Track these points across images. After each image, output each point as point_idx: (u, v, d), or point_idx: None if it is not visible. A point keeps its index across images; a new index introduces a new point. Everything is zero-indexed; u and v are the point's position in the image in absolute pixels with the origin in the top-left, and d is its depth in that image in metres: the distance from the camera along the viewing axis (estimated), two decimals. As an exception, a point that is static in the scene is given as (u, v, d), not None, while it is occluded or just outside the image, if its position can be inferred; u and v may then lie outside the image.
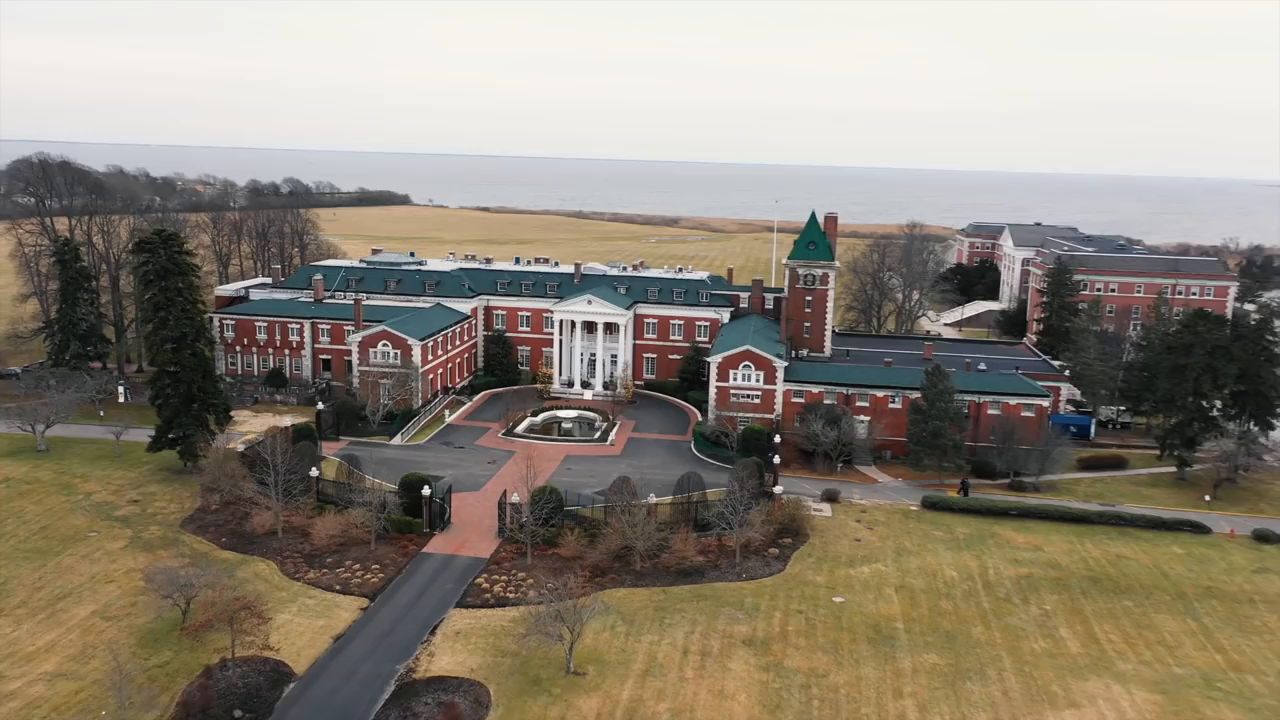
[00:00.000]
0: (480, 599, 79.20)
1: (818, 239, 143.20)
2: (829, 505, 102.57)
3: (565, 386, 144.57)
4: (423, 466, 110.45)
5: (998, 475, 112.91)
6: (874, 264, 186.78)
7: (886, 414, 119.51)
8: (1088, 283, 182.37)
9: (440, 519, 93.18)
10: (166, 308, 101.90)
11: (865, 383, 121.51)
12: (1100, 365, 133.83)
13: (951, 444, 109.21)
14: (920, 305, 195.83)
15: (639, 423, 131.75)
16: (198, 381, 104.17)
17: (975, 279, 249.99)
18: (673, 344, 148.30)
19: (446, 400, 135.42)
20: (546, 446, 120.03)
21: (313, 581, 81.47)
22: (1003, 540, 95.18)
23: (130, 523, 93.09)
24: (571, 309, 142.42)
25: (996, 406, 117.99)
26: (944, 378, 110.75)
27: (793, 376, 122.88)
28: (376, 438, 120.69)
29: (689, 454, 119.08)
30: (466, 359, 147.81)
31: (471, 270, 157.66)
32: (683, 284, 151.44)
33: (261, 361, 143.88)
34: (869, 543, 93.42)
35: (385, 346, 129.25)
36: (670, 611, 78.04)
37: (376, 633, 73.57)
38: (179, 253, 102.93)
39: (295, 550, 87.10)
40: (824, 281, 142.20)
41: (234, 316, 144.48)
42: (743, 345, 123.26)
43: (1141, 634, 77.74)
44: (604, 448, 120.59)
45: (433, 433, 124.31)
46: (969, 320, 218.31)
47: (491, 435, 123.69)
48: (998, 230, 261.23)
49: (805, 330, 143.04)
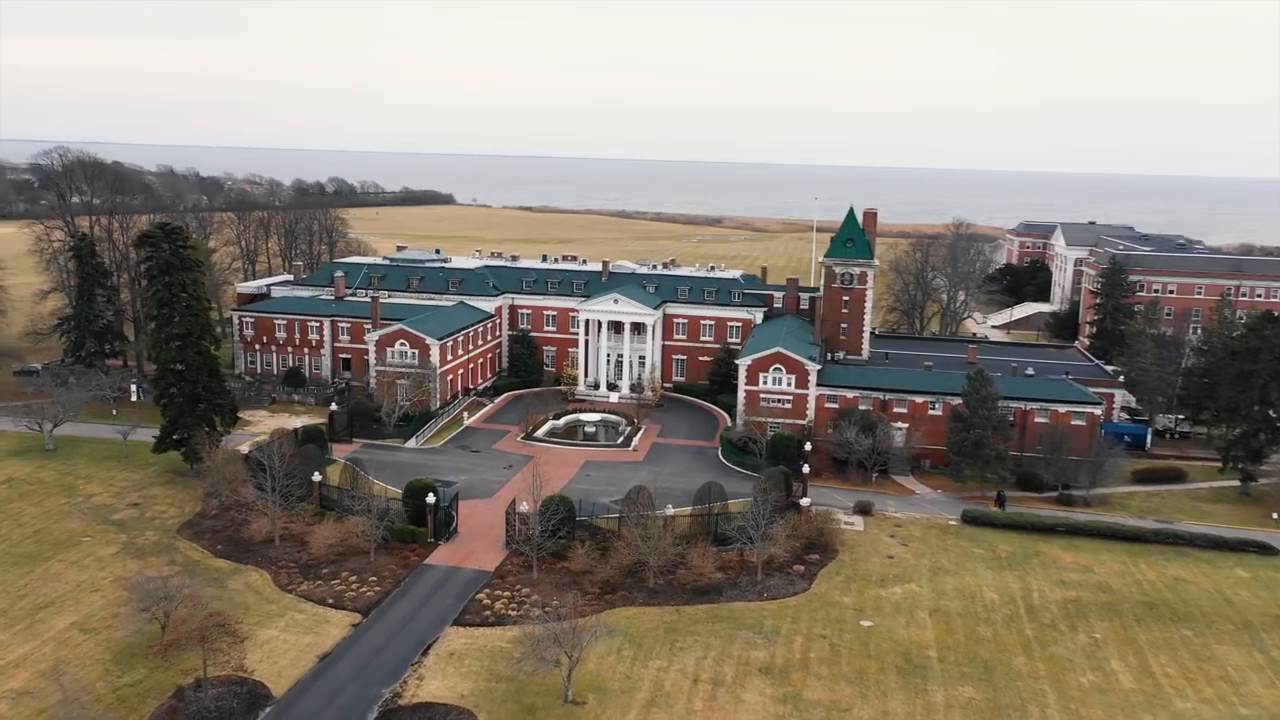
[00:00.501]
0: (480, 616, 74.10)
1: (856, 236, 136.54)
2: (861, 518, 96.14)
3: (591, 389, 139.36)
4: (435, 471, 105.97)
5: (1045, 488, 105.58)
6: (917, 263, 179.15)
7: (926, 421, 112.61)
8: (1144, 283, 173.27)
9: (446, 528, 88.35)
10: (170, 304, 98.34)
11: (903, 387, 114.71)
12: (1157, 370, 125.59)
13: (995, 454, 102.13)
14: (966, 306, 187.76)
15: (665, 427, 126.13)
16: (203, 380, 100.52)
17: (1025, 280, 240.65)
18: (703, 345, 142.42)
19: (466, 402, 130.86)
20: (566, 451, 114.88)
21: (305, 594, 76.94)
22: (1049, 559, 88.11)
23: (126, 527, 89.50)
24: (597, 308, 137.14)
25: (1044, 414, 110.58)
26: (987, 383, 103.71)
27: (826, 380, 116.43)
28: (391, 440, 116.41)
29: (715, 461, 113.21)
30: (490, 359, 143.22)
31: (496, 268, 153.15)
32: (714, 283, 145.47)
33: (281, 360, 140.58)
34: (902, 560, 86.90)
35: (402, 346, 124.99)
36: (682, 634, 72.32)
37: (366, 652, 68.78)
38: (183, 247, 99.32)
39: (291, 559, 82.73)
40: (862, 280, 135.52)
41: (253, 314, 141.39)
42: (773, 347, 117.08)
43: (1202, 668, 70.49)
44: (626, 453, 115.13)
45: (450, 435, 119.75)
46: (1018, 322, 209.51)
47: (510, 439, 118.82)
48: (1049, 229, 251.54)
49: (842, 332, 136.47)
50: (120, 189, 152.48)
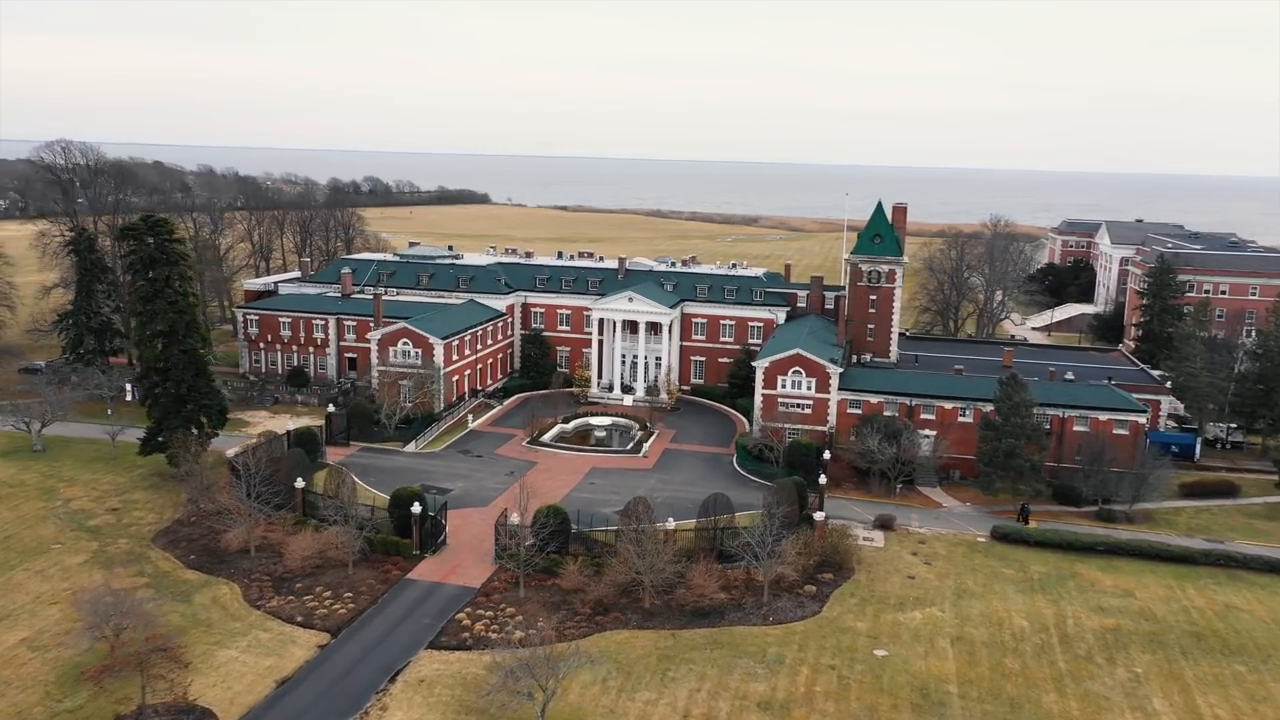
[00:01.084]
0: (457, 639, 68.34)
1: (884, 232, 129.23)
2: (881, 534, 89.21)
3: (604, 391, 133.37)
4: (432, 477, 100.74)
5: (1083, 502, 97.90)
6: (952, 261, 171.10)
7: (955, 428, 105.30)
8: (1194, 283, 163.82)
9: (434, 540, 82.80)
10: (154, 299, 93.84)
11: (931, 392, 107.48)
12: (1208, 376, 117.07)
13: (1028, 465, 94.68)
14: (1003, 307, 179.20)
15: (679, 432, 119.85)
16: (188, 380, 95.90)
17: (1068, 280, 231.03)
18: (723, 346, 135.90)
19: (474, 404, 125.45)
20: (572, 457, 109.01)
21: (274, 610, 71.67)
22: (1086, 582, 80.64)
23: (100, 534, 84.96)
24: (611, 307, 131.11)
25: (1084, 422, 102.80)
26: (1021, 388, 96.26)
27: (849, 384, 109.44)
28: (390, 444, 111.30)
29: (729, 470, 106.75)
30: (500, 359, 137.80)
31: (509, 265, 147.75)
32: (735, 281, 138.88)
33: (286, 359, 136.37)
34: (924, 581, 79.89)
35: (405, 345, 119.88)
36: (676, 661, 66.06)
37: (329, 677, 63.30)
38: (168, 240, 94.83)
39: (265, 572, 77.59)
40: (890, 279, 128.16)
41: (258, 312, 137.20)
42: (793, 348, 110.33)
43: (1256, 709, 63.00)
44: (636, 460, 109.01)
45: (452, 439, 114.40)
46: (1059, 324, 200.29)
47: (515, 444, 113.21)
48: (1093, 227, 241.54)
49: (868, 333, 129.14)
50: (124, 184, 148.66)
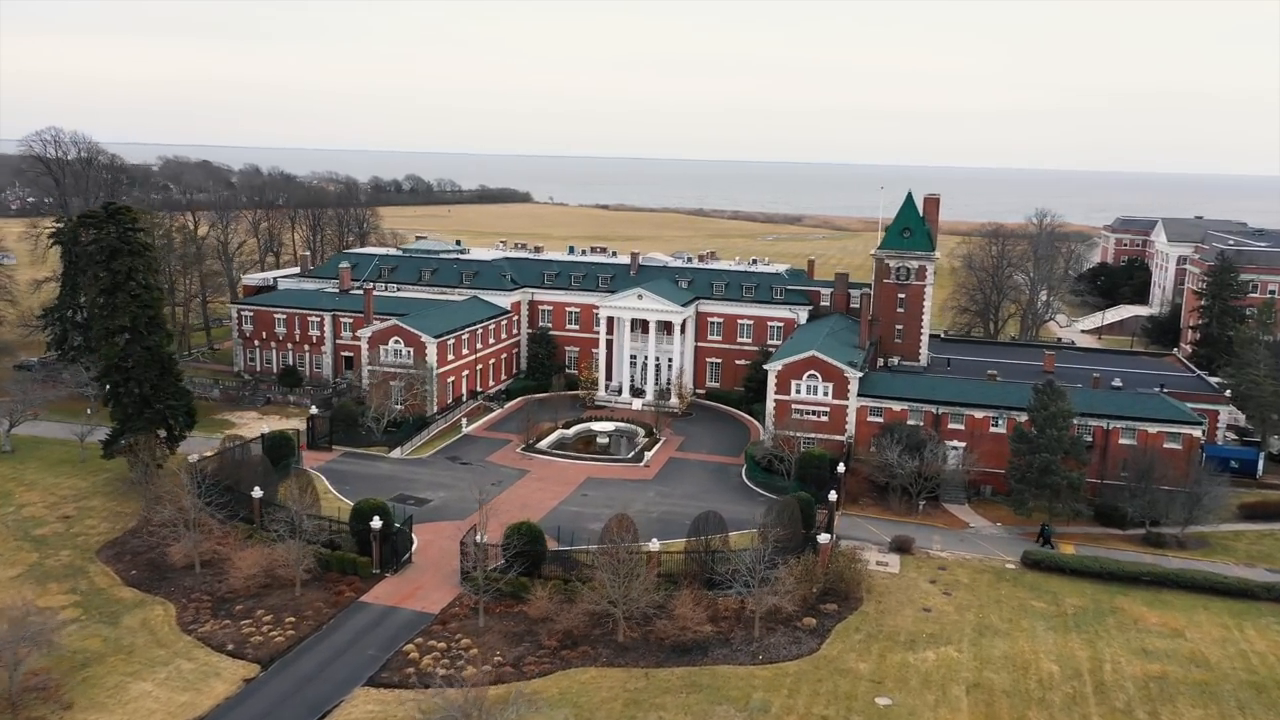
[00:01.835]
0: (400, 674, 60.63)
1: (914, 225, 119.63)
2: (897, 558, 79.96)
3: (613, 394, 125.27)
4: (413, 486, 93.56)
5: (1128, 523, 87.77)
6: (993, 258, 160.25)
7: (986, 439, 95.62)
8: (1258, 283, 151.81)
9: (397, 557, 75.32)
10: (115, 293, 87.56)
11: (960, 400, 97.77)
12: (1272, 384, 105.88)
13: (1065, 482, 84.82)
14: (1049, 308, 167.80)
15: (688, 439, 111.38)
16: (151, 380, 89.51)
17: (1121, 280, 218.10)
18: (740, 347, 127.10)
19: (470, 406, 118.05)
20: (566, 466, 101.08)
21: (206, 636, 64.58)
22: (1128, 618, 70.83)
23: (44, 545, 78.66)
24: (619, 305, 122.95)
25: (1130, 434, 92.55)
26: (1058, 396, 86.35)
27: (869, 390, 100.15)
28: (376, 449, 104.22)
29: (736, 482, 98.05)
30: (505, 360, 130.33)
31: (516, 260, 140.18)
32: (754, 278, 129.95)
33: (281, 357, 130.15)
34: (942, 614, 70.65)
35: (397, 343, 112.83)
36: (646, 707, 57.69)
37: (247, 718, 55.93)
38: (131, 230, 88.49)
39: (207, 591, 70.65)
40: (920, 276, 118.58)
41: (253, 308, 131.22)
42: (807, 350, 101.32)
43: (1330, 781, 53.10)
44: (636, 469, 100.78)
45: (443, 444, 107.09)
46: (1110, 327, 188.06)
47: (509, 450, 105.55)
48: (1149, 225, 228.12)
49: (896, 334, 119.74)
50: (119, 178, 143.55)
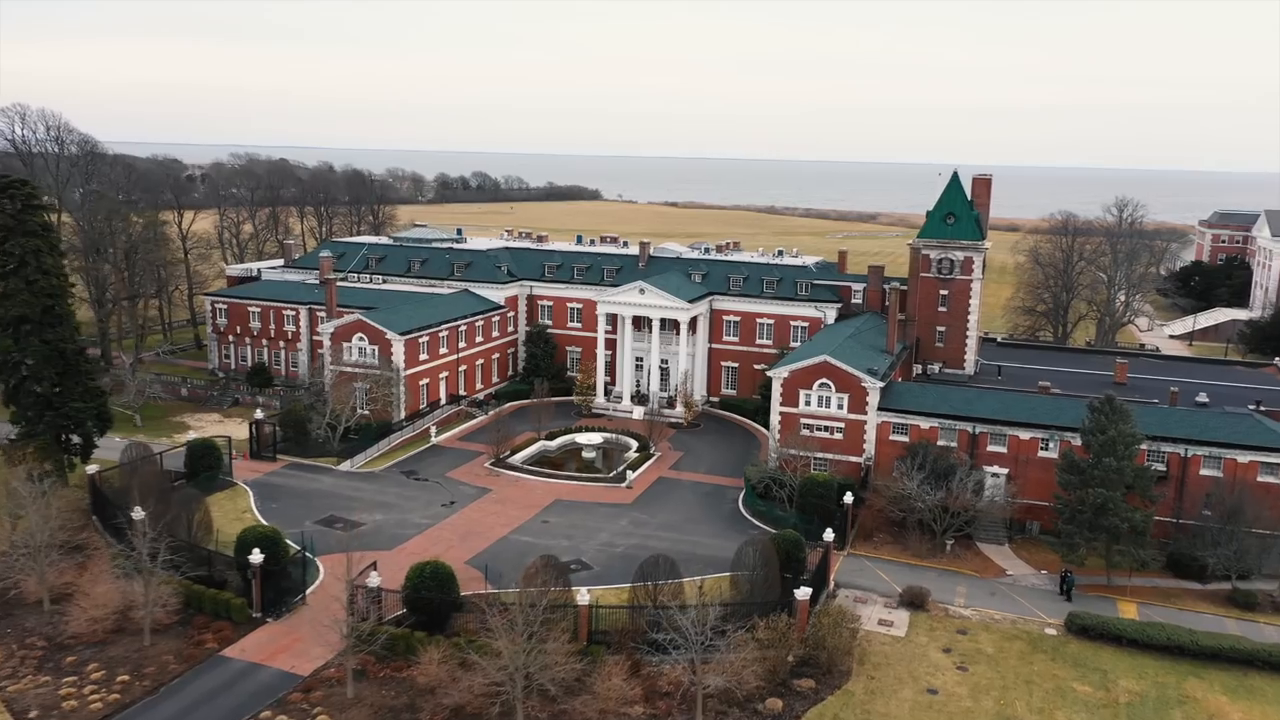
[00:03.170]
0: (221, 765, 47.39)
1: (959, 210, 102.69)
2: (906, 615, 63.95)
3: (613, 400, 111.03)
4: (350, 506, 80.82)
5: (1209, 577, 70.14)
6: (1063, 250, 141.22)
7: (1034, 465, 78.77)
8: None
9: (286, 598, 62.28)
10: (7, 278, 76.52)
11: (1003, 417, 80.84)
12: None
13: (1127, 525, 67.61)
14: (1128, 309, 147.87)
15: (687, 454, 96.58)
16: (52, 379, 78.27)
17: (1218, 280, 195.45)
18: (759, 350, 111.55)
19: (446, 413, 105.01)
20: (534, 485, 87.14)
21: (10, 699, 52.23)
22: (1200, 710, 53.86)
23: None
24: (618, 300, 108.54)
25: (1214, 464, 74.74)
26: (1120, 416, 69.07)
27: (892, 402, 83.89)
28: (327, 460, 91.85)
29: (730, 510, 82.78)
30: (499, 360, 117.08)
31: (516, 250, 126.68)
32: (777, 271, 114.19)
33: (256, 354, 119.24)
34: (951, 698, 54.63)
35: (361, 341, 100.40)
36: (523, 828, 43.30)
37: (2, 823, 43.30)
38: (29, 207, 77.44)
39: (45, 635, 58.47)
40: (966, 269, 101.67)
41: (226, 300, 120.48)
42: (819, 355, 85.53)
43: None
44: (615, 491, 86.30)
45: (405, 456, 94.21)
46: (1203, 332, 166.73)
47: (477, 465, 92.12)
48: (1250, 219, 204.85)
49: (937, 337, 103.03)
50: (95, 165, 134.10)
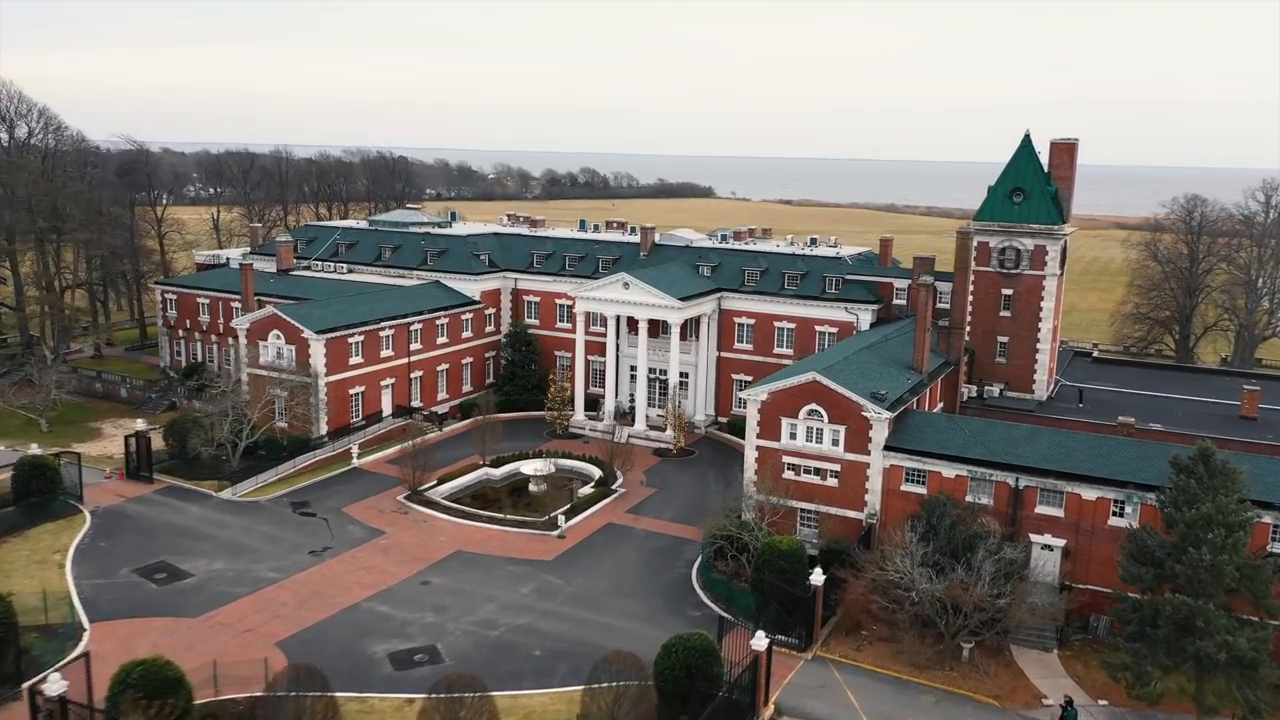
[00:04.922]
0: None
1: (1030, 185, 79.08)
2: (862, 775, 42.17)
3: (598, 418, 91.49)
4: (193, 548, 64.44)
5: (1362, 732, 45.56)
6: (1188, 244, 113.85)
7: (1103, 537, 55.43)
8: None
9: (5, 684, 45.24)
10: None
11: (1057, 467, 57.45)
12: None
13: (1228, 653, 43.78)
14: (1274, 321, 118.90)
15: (661, 491, 76.39)
16: None
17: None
18: (777, 360, 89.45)
19: (391, 426, 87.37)
20: (442, 528, 68.50)
21: None
22: None
23: None
24: (599, 296, 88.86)
25: (1376, 553, 49.94)
26: (1220, 481, 45.26)
27: (906, 440, 61.37)
28: (210, 484, 75.49)
29: (682, 575, 62.21)
30: (471, 366, 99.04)
31: (503, 236, 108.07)
32: (802, 264, 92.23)
33: (206, 350, 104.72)
34: None
35: (277, 339, 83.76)
36: None
37: None
38: None
39: None
40: (1038, 261, 78.09)
41: (176, 290, 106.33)
42: (806, 372, 63.71)
43: None
44: (542, 542, 66.71)
45: (308, 481, 76.95)
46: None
47: (387, 497, 74.07)
48: None
49: (998, 349, 79.61)
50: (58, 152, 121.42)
